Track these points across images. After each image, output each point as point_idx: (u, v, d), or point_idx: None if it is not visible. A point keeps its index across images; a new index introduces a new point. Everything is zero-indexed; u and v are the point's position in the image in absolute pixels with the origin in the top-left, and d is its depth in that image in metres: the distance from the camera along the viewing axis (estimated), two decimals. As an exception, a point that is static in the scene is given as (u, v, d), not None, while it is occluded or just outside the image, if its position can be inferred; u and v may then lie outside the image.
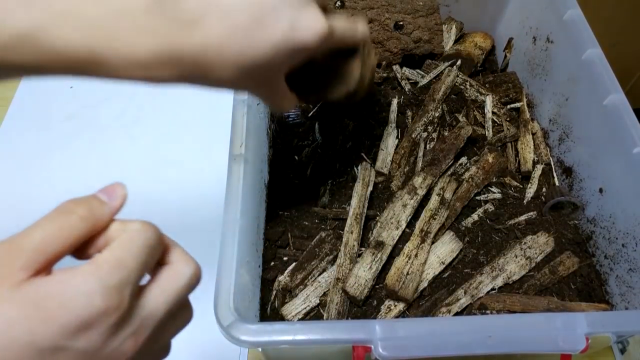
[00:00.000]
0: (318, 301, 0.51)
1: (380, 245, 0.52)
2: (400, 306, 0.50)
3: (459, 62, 0.69)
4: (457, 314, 0.50)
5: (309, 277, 0.53)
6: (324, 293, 0.52)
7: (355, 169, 0.61)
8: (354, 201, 0.56)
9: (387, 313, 0.50)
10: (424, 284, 0.51)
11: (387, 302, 0.51)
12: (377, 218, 0.56)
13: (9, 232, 0.24)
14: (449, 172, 0.60)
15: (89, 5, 0.29)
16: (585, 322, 0.38)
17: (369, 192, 0.57)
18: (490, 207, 0.59)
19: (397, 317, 0.50)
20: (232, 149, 0.46)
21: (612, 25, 1.15)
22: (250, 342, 0.37)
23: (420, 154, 0.62)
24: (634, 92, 1.29)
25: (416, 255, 0.51)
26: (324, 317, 0.50)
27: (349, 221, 0.55)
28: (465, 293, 0.51)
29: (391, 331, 0.37)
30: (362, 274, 0.51)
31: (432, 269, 0.52)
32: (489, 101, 0.66)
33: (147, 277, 0.27)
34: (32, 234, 0.24)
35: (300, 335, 0.37)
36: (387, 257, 0.52)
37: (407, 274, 0.50)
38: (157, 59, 0.30)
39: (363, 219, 0.55)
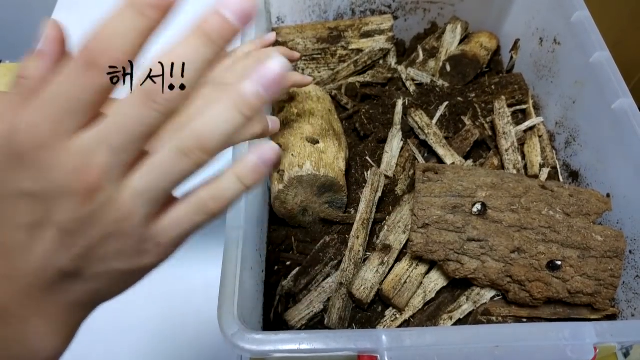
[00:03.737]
0: (322, 307, 0.51)
1: (387, 248, 0.52)
2: (407, 313, 0.50)
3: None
4: (459, 320, 0.50)
5: (313, 282, 0.53)
6: (328, 298, 0.51)
7: (357, 172, 0.61)
8: (362, 206, 0.55)
9: (392, 321, 0.50)
10: (432, 295, 0.50)
11: (393, 309, 0.50)
12: (384, 222, 0.55)
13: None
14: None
15: None
16: (594, 331, 0.38)
17: (377, 198, 0.56)
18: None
19: (402, 324, 0.49)
20: (235, 151, 0.46)
21: (616, 23, 1.14)
22: (255, 351, 0.36)
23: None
24: (637, 89, 1.28)
25: (417, 265, 0.51)
26: (325, 322, 0.50)
27: (355, 226, 0.54)
28: (467, 299, 0.51)
29: (398, 341, 0.37)
30: (369, 277, 0.50)
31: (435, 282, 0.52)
32: (496, 104, 0.65)
33: None
34: None
35: (305, 345, 0.36)
36: (394, 261, 0.52)
37: (405, 282, 0.50)
38: None
39: (370, 224, 0.54)
